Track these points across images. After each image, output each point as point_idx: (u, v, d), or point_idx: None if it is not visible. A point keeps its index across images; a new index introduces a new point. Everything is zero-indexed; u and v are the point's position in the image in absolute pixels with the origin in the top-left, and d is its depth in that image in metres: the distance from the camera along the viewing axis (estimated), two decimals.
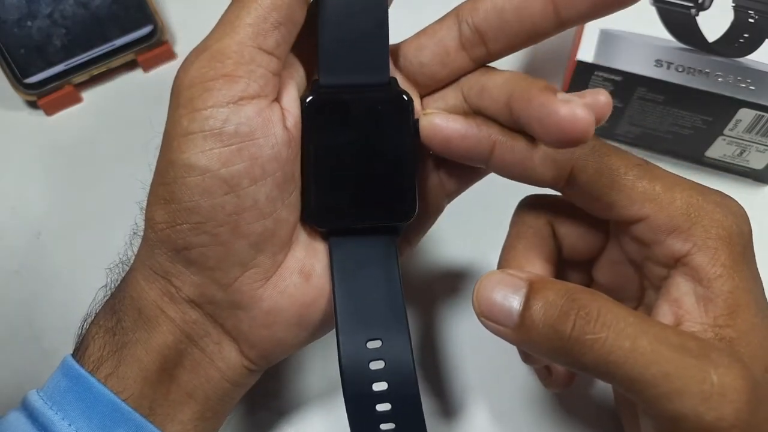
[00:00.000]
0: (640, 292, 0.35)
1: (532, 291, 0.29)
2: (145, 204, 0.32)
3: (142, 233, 0.32)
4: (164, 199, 0.30)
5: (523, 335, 0.29)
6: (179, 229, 0.30)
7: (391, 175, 0.32)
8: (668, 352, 0.27)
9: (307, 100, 0.31)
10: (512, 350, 0.42)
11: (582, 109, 0.28)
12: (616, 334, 0.27)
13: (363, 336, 0.31)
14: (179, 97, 0.30)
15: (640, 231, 0.31)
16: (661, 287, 0.32)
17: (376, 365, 0.31)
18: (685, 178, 0.32)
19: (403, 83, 0.34)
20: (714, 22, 0.43)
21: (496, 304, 0.29)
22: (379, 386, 0.30)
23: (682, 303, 0.30)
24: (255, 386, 0.35)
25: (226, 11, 0.31)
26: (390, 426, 0.30)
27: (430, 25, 0.34)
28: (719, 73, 0.42)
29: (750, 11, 0.43)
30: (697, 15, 0.43)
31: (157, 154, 0.31)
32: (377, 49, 0.32)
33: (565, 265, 0.36)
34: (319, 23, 0.31)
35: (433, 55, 0.33)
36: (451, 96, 0.34)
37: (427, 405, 0.31)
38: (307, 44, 0.32)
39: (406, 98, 0.32)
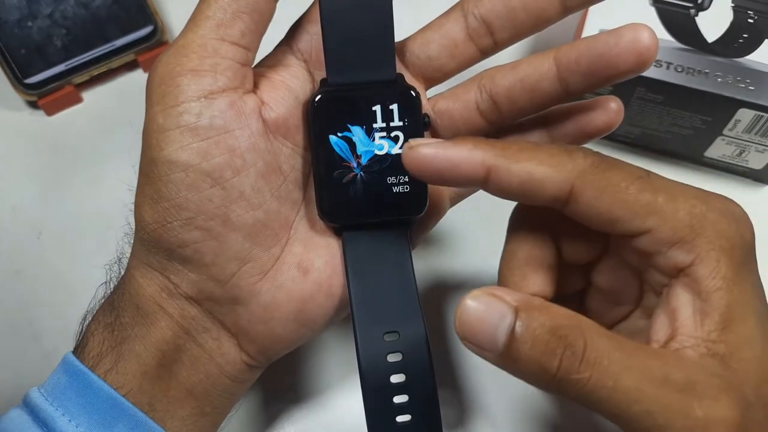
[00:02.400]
0: (639, 294, 0.34)
1: (518, 319, 0.27)
2: (133, 206, 0.32)
3: (133, 233, 0.33)
4: (152, 198, 0.31)
5: (508, 364, 0.28)
6: (170, 227, 0.30)
7: (402, 169, 0.32)
8: (651, 389, 0.27)
9: (316, 98, 0.32)
10: None
11: (641, 28, 0.30)
12: (600, 373, 0.27)
13: (380, 329, 0.31)
14: (152, 95, 0.30)
15: (642, 243, 0.31)
16: (661, 293, 0.32)
17: (394, 357, 0.31)
18: (688, 186, 0.31)
19: (409, 79, 0.34)
20: (713, 23, 0.43)
21: (478, 329, 0.27)
22: (397, 378, 0.31)
23: (679, 315, 0.30)
24: (271, 380, 0.35)
25: (195, 7, 0.31)
26: (406, 417, 0.31)
27: (433, 20, 0.34)
28: (718, 73, 0.42)
29: (749, 11, 0.43)
30: (697, 15, 0.43)
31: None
32: (383, 46, 0.32)
33: (563, 268, 0.35)
34: (321, 22, 0.31)
35: (441, 48, 0.34)
36: (462, 92, 0.34)
37: (442, 396, 0.31)
38: (318, 45, 0.32)
39: (414, 94, 0.32)
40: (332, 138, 0.32)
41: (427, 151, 0.30)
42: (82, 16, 0.49)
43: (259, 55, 0.33)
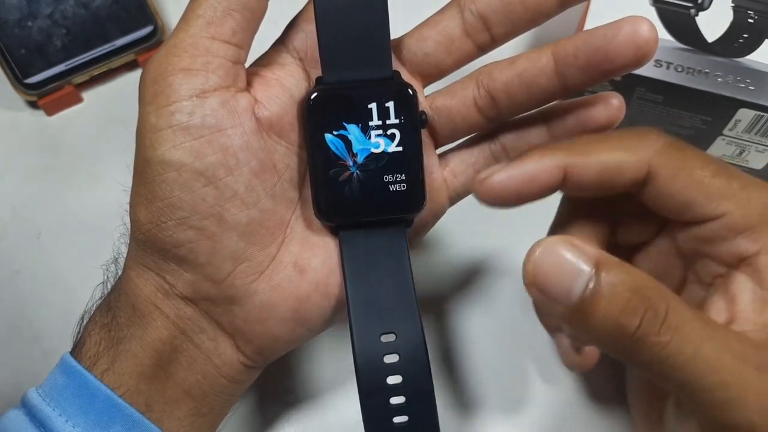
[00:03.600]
0: (680, 285, 0.34)
1: (600, 272, 0.26)
2: (128, 206, 0.32)
3: (129, 233, 0.32)
4: (146, 198, 0.31)
5: (579, 319, 0.26)
6: (165, 227, 0.30)
7: (399, 167, 0.32)
8: (730, 362, 0.26)
9: (311, 96, 0.32)
10: (523, 344, 0.43)
11: (640, 21, 0.29)
12: (681, 338, 0.26)
13: (377, 330, 0.31)
14: (145, 95, 0.30)
15: (709, 229, 0.31)
16: (713, 284, 0.32)
17: (391, 359, 0.31)
18: (757, 179, 0.31)
19: (406, 76, 0.34)
20: (713, 22, 0.43)
21: (553, 277, 0.26)
22: (394, 380, 0.31)
23: (739, 301, 0.30)
24: (269, 381, 0.35)
25: (186, 6, 0.31)
26: (403, 419, 0.31)
27: (430, 17, 0.34)
28: (719, 73, 0.42)
29: (749, 11, 0.43)
30: (697, 15, 0.43)
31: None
32: (379, 44, 0.32)
33: (609, 247, 0.34)
34: (316, 20, 0.31)
35: (437, 45, 0.33)
36: (460, 89, 0.34)
37: (440, 398, 0.31)
38: (313, 43, 0.32)
39: (410, 91, 0.32)
40: (328, 136, 0.32)
41: (499, 177, 0.30)
42: (82, 16, 0.49)
43: (256, 55, 0.33)
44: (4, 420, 0.31)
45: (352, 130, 0.32)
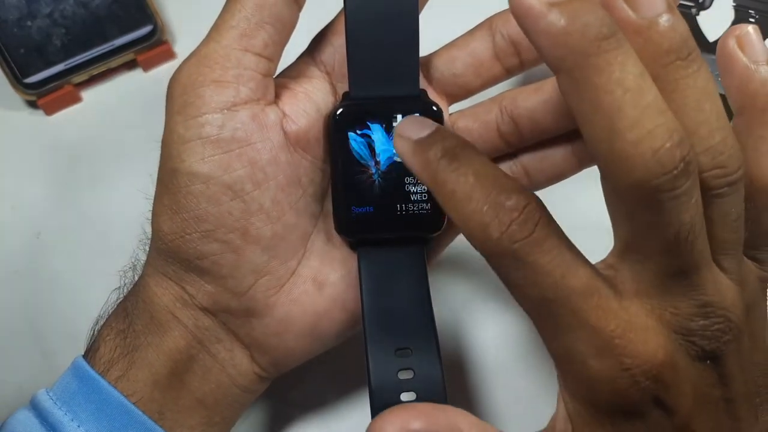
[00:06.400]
0: None
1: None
2: (150, 214, 0.32)
3: (149, 241, 0.32)
4: (171, 209, 0.30)
5: None
6: (189, 238, 0.30)
7: (420, 185, 0.32)
8: None
9: (338, 112, 0.32)
10: (537, 359, 0.43)
11: None
12: None
13: (392, 345, 0.31)
14: (173, 105, 0.30)
15: None
16: None
17: (405, 375, 0.30)
18: None
19: (432, 95, 0.34)
20: (714, 22, 0.43)
21: None
22: (407, 396, 0.30)
23: None
24: (279, 390, 0.35)
25: (218, 15, 0.31)
26: None
27: (459, 37, 0.34)
28: (719, 73, 0.42)
29: (750, 11, 0.43)
30: (698, 15, 0.43)
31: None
32: (407, 62, 0.32)
33: None
34: (346, 35, 0.31)
35: (466, 66, 0.33)
36: (483, 113, 0.34)
37: None
38: (341, 57, 0.32)
39: (436, 109, 0.32)
40: (352, 143, 0.32)
41: None
42: (82, 16, 0.49)
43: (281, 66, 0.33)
44: (13, 421, 0.31)
45: (375, 129, 0.32)
